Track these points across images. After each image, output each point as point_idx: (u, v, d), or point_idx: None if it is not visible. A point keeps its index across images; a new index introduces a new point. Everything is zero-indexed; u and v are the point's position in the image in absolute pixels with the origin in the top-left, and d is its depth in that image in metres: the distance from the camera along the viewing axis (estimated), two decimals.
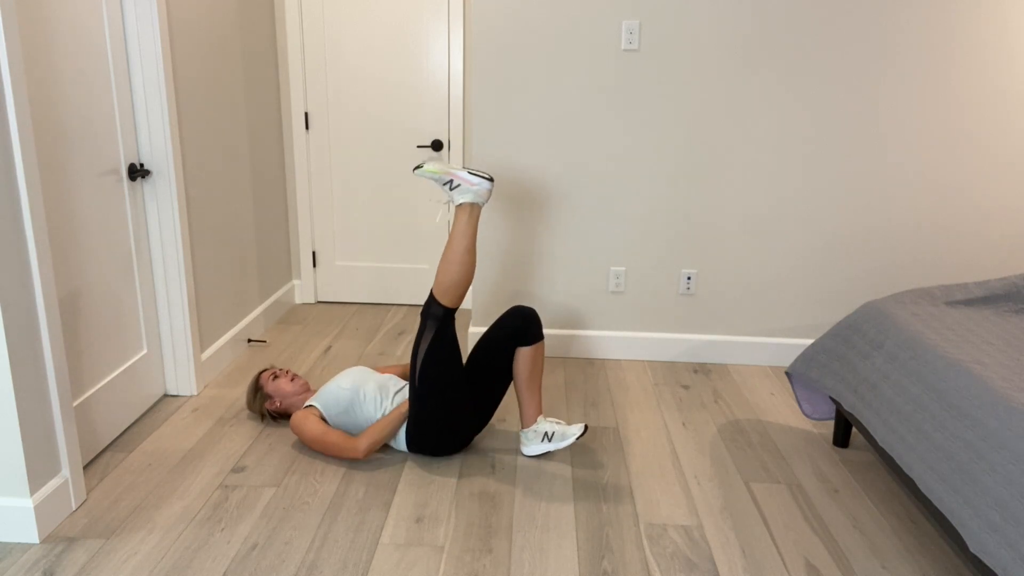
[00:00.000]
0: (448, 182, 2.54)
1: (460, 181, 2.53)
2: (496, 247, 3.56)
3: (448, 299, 2.52)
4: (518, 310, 2.63)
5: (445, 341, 2.53)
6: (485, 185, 2.52)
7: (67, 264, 2.43)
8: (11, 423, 2.06)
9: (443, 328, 2.52)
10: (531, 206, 3.49)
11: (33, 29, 2.23)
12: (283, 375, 2.87)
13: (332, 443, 2.58)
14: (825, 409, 2.84)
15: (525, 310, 2.63)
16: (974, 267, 3.47)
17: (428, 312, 2.54)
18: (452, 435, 2.61)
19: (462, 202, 2.54)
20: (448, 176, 2.54)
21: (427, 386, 2.53)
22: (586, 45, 3.28)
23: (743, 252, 3.50)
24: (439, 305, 2.52)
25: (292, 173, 4.21)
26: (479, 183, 2.52)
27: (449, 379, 2.54)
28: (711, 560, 2.14)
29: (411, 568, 2.08)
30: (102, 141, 2.60)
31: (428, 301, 2.54)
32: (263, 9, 3.82)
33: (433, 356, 2.52)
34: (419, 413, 2.57)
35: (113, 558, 2.09)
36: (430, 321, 2.53)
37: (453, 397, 2.55)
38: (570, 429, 2.62)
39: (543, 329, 3.62)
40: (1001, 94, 3.26)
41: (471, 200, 2.53)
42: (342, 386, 2.68)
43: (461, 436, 2.63)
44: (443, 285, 2.51)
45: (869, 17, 3.19)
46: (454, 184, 2.54)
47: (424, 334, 2.53)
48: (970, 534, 1.77)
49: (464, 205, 2.54)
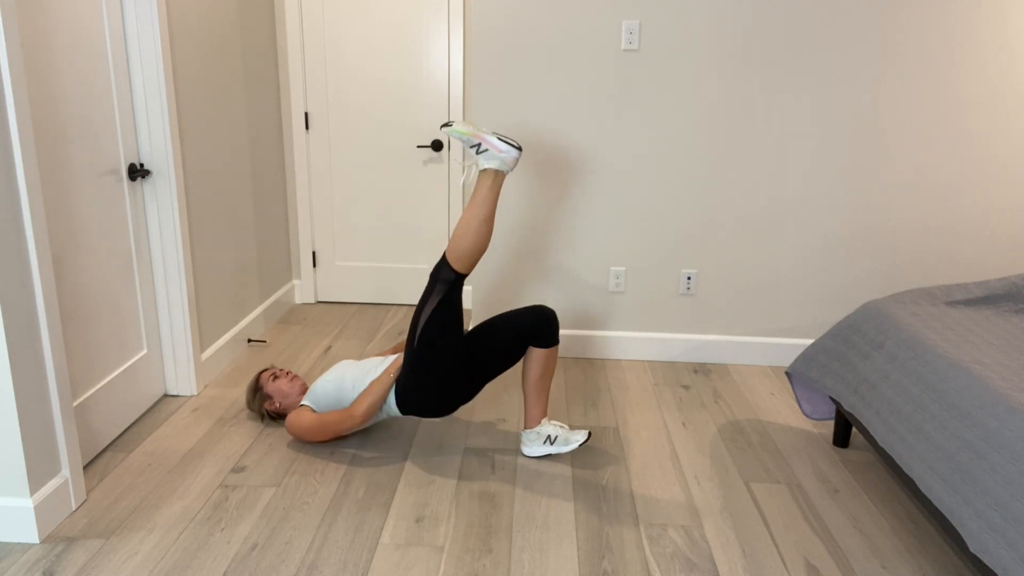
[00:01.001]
0: (476, 145, 2.46)
1: (488, 146, 2.45)
2: (497, 246, 3.56)
3: (461, 265, 2.48)
4: (542, 310, 2.61)
5: (451, 306, 2.50)
6: (512, 153, 2.44)
7: (67, 264, 2.43)
8: (11, 423, 2.06)
9: (451, 292, 2.49)
10: (531, 206, 3.49)
11: (33, 29, 2.23)
12: (283, 376, 2.87)
13: (330, 422, 2.58)
14: (825, 409, 2.84)
15: (547, 312, 2.61)
16: (974, 267, 3.47)
17: (438, 275, 2.50)
18: (442, 398, 2.58)
19: (487, 167, 2.47)
20: (476, 138, 2.45)
21: (426, 347, 2.51)
22: (586, 45, 3.28)
23: (743, 252, 3.50)
24: (450, 269, 2.48)
25: (292, 173, 4.21)
26: (507, 150, 2.44)
27: (448, 343, 2.52)
28: (711, 560, 2.14)
29: (411, 568, 2.08)
30: (102, 141, 2.60)
31: (440, 264, 2.51)
32: (263, 9, 3.82)
33: (437, 319, 2.49)
34: (414, 370, 2.55)
35: (113, 558, 2.09)
36: (439, 284, 2.49)
37: (449, 361, 2.53)
38: (574, 435, 2.62)
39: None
40: (1001, 94, 3.26)
41: (496, 167, 2.46)
42: (327, 379, 2.70)
43: (450, 401, 2.60)
44: (457, 251, 2.47)
45: (869, 17, 3.19)
46: (481, 148, 2.46)
47: (431, 296, 2.50)
48: (970, 534, 1.77)
49: (488, 171, 2.47)
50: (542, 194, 3.47)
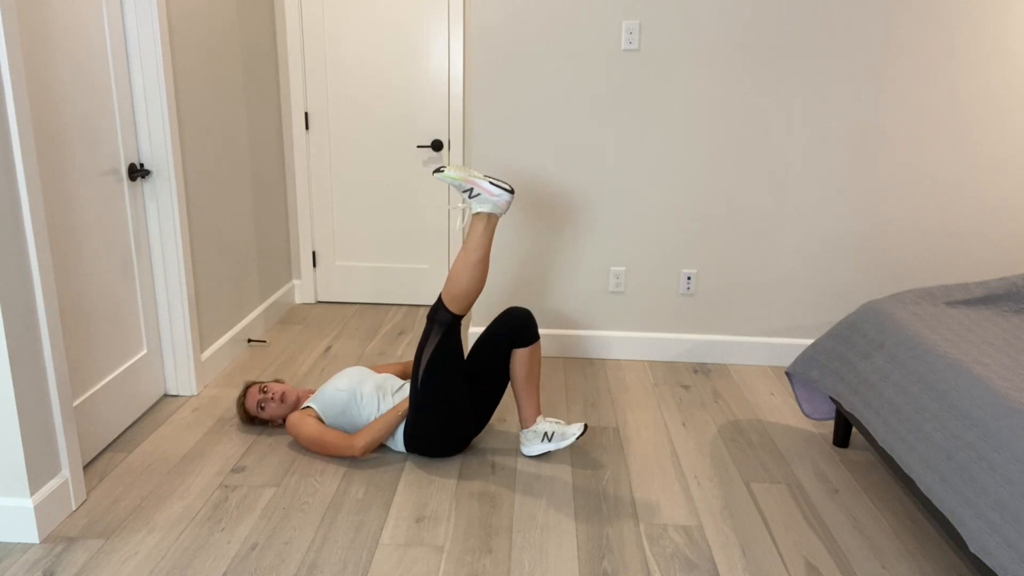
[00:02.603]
0: (468, 190, 2.49)
1: (480, 190, 2.48)
2: (496, 247, 3.55)
3: (456, 306, 2.50)
4: (513, 312, 2.63)
5: (450, 347, 2.52)
6: (505, 197, 2.47)
7: (67, 264, 2.43)
8: (11, 423, 2.06)
9: (449, 334, 2.51)
10: (531, 206, 3.49)
11: (33, 29, 2.23)
12: (270, 401, 2.76)
13: (330, 443, 2.58)
14: (825, 409, 2.84)
15: (520, 311, 2.63)
16: (974, 267, 3.47)
17: (435, 317, 2.52)
18: (451, 438, 2.61)
19: (479, 211, 2.50)
20: (468, 183, 2.48)
21: (429, 390, 2.52)
22: (586, 45, 3.27)
23: (743, 252, 3.50)
24: (447, 312, 2.51)
25: (292, 173, 4.21)
26: (499, 194, 2.47)
27: (452, 384, 2.53)
28: (711, 560, 2.14)
29: (411, 568, 2.08)
30: (102, 141, 2.60)
31: (436, 306, 2.53)
32: (263, 9, 3.82)
33: (437, 361, 2.51)
34: (420, 416, 2.56)
35: (113, 558, 2.09)
36: (436, 326, 2.51)
37: (455, 402, 2.55)
38: (570, 429, 2.62)
39: (539, 329, 3.63)
40: (1001, 94, 3.26)
41: (489, 210, 2.49)
42: (339, 387, 2.68)
43: (460, 439, 2.63)
44: (452, 292, 2.49)
45: (869, 16, 3.19)
46: (474, 192, 2.49)
47: (430, 338, 2.52)
48: (970, 534, 1.77)
49: (481, 214, 2.50)
50: (542, 194, 3.47)
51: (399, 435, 2.64)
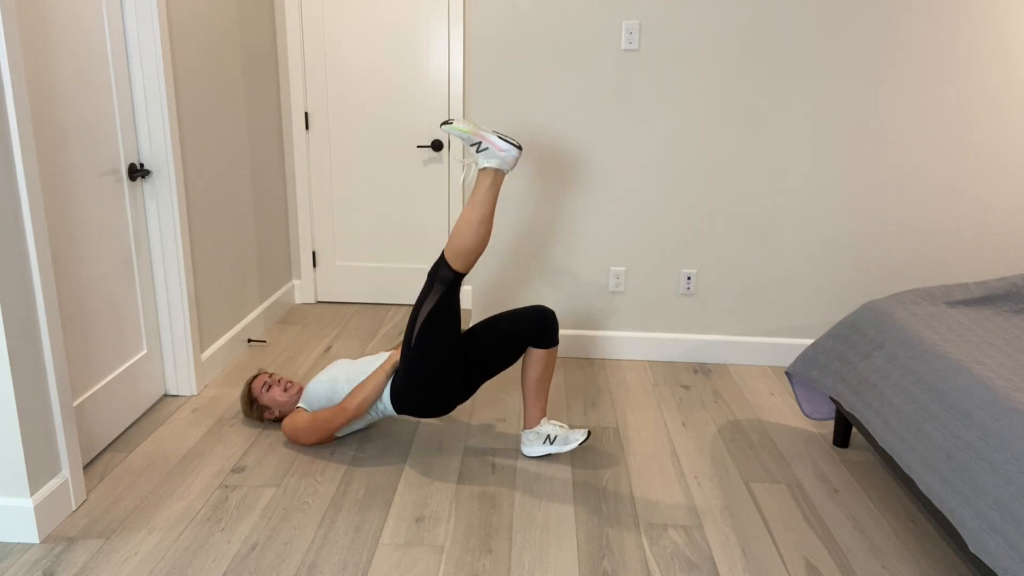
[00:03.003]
0: (476, 143, 2.45)
1: (488, 144, 2.43)
2: (496, 246, 3.55)
3: (459, 264, 2.47)
4: (542, 310, 2.60)
5: (449, 305, 2.49)
6: (513, 152, 2.43)
7: (67, 264, 2.43)
8: (11, 423, 2.06)
9: (449, 292, 2.48)
10: (531, 206, 3.49)
11: (33, 29, 2.23)
12: (276, 384, 2.83)
13: (322, 419, 2.58)
14: (825, 409, 2.84)
15: (547, 312, 2.60)
16: (974, 267, 3.47)
17: (436, 274, 2.49)
18: (438, 398, 2.57)
19: (486, 166, 2.45)
20: (477, 137, 2.44)
21: (423, 346, 2.50)
22: (586, 45, 3.27)
23: (743, 252, 3.50)
24: (449, 269, 2.47)
25: (292, 173, 4.21)
26: (507, 149, 2.43)
27: (446, 343, 2.51)
28: (711, 560, 2.14)
29: (411, 568, 2.08)
30: (102, 141, 2.60)
31: (438, 263, 2.49)
32: (263, 9, 3.82)
33: (434, 318, 2.48)
34: (410, 372, 2.54)
35: (113, 558, 2.09)
36: (437, 283, 2.48)
37: (446, 362, 2.52)
38: (573, 434, 2.62)
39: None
40: (1001, 94, 3.26)
41: (496, 166, 2.45)
42: (320, 380, 2.70)
43: (446, 400, 2.59)
44: (456, 249, 2.46)
45: (869, 16, 3.19)
46: (481, 147, 2.44)
47: (429, 295, 2.49)
48: (970, 534, 1.77)
49: (488, 170, 2.45)
50: (542, 194, 3.47)
51: (387, 396, 2.61)
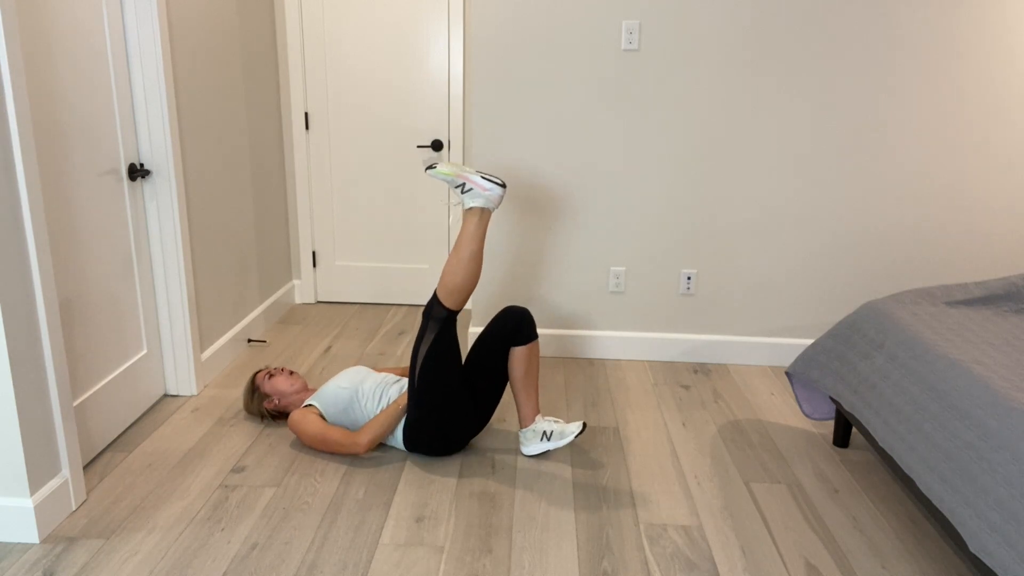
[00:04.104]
0: (460, 185, 2.51)
1: (472, 185, 2.50)
2: (496, 247, 3.56)
3: (451, 302, 2.51)
4: (510, 311, 2.63)
5: (446, 343, 2.52)
6: (497, 191, 2.49)
7: (67, 264, 2.43)
8: (11, 423, 2.06)
9: (444, 330, 2.52)
10: (531, 206, 3.49)
11: (33, 29, 2.23)
12: (279, 373, 2.87)
13: (333, 440, 2.58)
14: (825, 409, 2.84)
15: (517, 310, 2.63)
16: (974, 267, 3.47)
17: (430, 313, 2.53)
18: (450, 437, 2.61)
19: (472, 206, 2.52)
20: (460, 179, 2.51)
21: (426, 387, 2.53)
22: (586, 45, 3.28)
23: (743, 252, 3.50)
24: (442, 307, 2.51)
25: (292, 173, 4.21)
26: (491, 188, 2.49)
27: (448, 381, 2.54)
28: (711, 560, 2.14)
29: (411, 568, 2.08)
30: (102, 141, 2.60)
31: (431, 302, 2.54)
32: (263, 9, 3.82)
33: (433, 358, 2.51)
34: (418, 414, 2.57)
35: (113, 558, 2.09)
36: (432, 322, 2.52)
37: (452, 399, 2.55)
38: (568, 427, 2.62)
39: (539, 329, 3.63)
40: (1002, 94, 3.26)
41: (482, 205, 2.51)
42: (341, 385, 2.69)
43: (459, 438, 2.63)
44: (447, 288, 2.50)
45: (869, 17, 3.19)
46: (466, 188, 2.51)
47: (425, 335, 2.52)
48: (970, 534, 1.77)
49: (474, 209, 2.52)
50: (542, 194, 3.47)
51: (399, 432, 2.65)
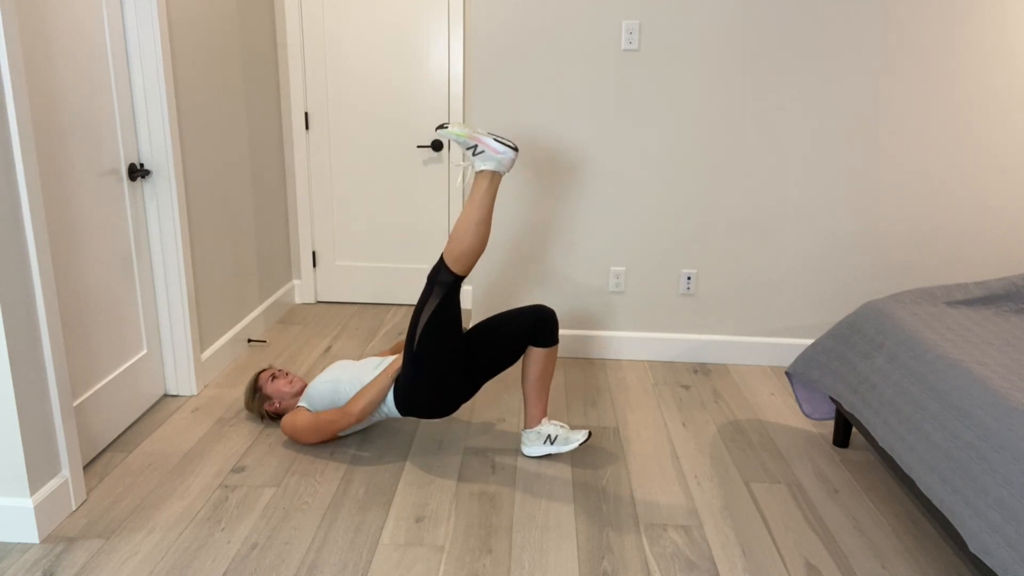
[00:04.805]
0: (472, 147, 2.46)
1: (484, 147, 2.45)
2: (496, 247, 3.56)
3: (458, 267, 2.48)
4: (542, 309, 2.61)
5: (449, 308, 2.50)
6: (509, 154, 2.44)
7: (67, 264, 2.43)
8: (11, 423, 2.06)
9: (449, 294, 2.49)
10: (531, 206, 3.49)
11: (33, 29, 2.23)
12: (281, 376, 2.87)
13: (325, 420, 2.58)
14: (825, 409, 2.84)
15: (546, 311, 2.61)
16: (974, 267, 3.47)
17: (436, 277, 2.50)
18: (441, 400, 2.58)
19: (483, 169, 2.47)
20: (472, 140, 2.45)
21: (425, 350, 2.51)
22: (586, 45, 3.27)
23: (743, 252, 3.50)
24: (449, 272, 2.48)
25: (292, 173, 4.21)
26: (504, 151, 2.44)
27: (448, 345, 2.51)
28: (711, 560, 2.14)
29: (411, 568, 2.08)
30: (102, 141, 2.60)
31: (437, 266, 2.50)
32: (263, 9, 3.82)
33: (435, 322, 2.49)
34: (413, 376, 2.54)
35: (113, 558, 2.09)
36: (437, 287, 2.49)
37: (449, 363, 2.53)
38: (574, 435, 2.62)
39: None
40: (1002, 94, 3.26)
41: (493, 168, 2.46)
42: (323, 380, 2.70)
43: (450, 401, 2.60)
44: (455, 252, 2.47)
45: (868, 17, 3.19)
46: (477, 150, 2.45)
47: (429, 299, 2.50)
48: (970, 534, 1.77)
49: (485, 172, 2.47)
50: (542, 194, 3.47)
51: (391, 400, 2.61)
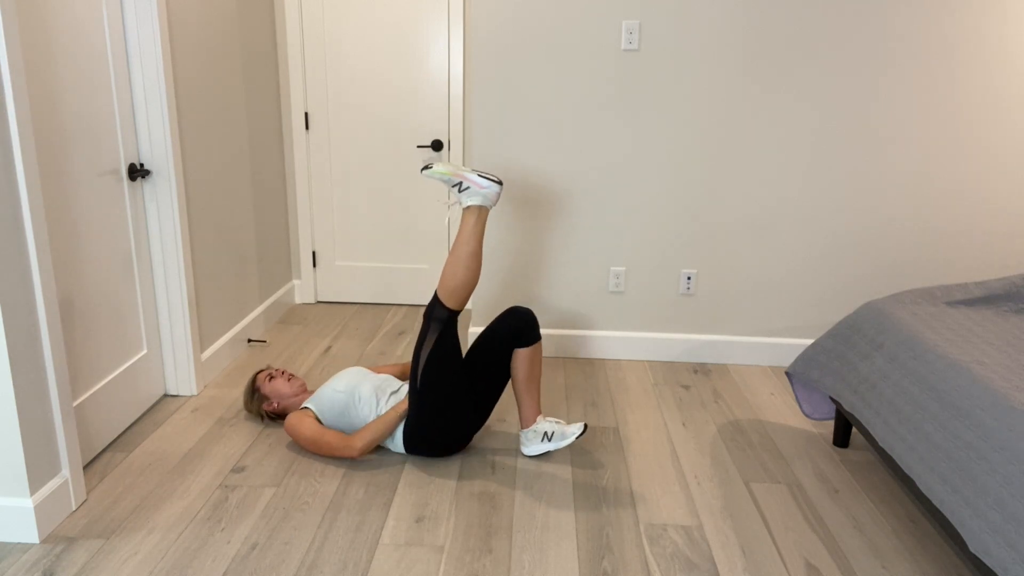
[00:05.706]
0: (457, 184, 2.52)
1: (469, 183, 2.50)
2: (496, 247, 3.56)
3: (452, 302, 2.51)
4: (515, 311, 2.63)
5: (448, 344, 2.52)
6: (494, 188, 2.50)
7: (67, 264, 2.43)
8: (11, 423, 2.06)
9: (446, 332, 2.52)
10: (531, 206, 3.49)
11: (33, 29, 2.23)
12: (279, 376, 2.87)
13: (328, 443, 2.58)
14: (825, 409, 2.84)
15: (521, 311, 2.63)
16: (974, 267, 3.47)
17: (431, 314, 2.53)
18: (451, 437, 2.61)
19: (470, 204, 2.52)
20: (457, 178, 2.51)
21: (428, 389, 2.53)
22: (586, 45, 3.28)
23: (743, 252, 3.50)
24: (443, 308, 2.51)
25: (292, 173, 4.21)
26: (488, 186, 2.50)
27: (450, 382, 2.53)
28: (711, 560, 2.14)
29: (411, 568, 2.08)
30: (102, 141, 2.60)
31: (432, 303, 2.54)
32: (263, 9, 3.82)
33: (435, 359, 2.51)
34: (419, 415, 2.56)
35: (113, 558, 2.09)
36: (433, 323, 2.52)
37: (454, 400, 2.55)
38: (569, 428, 2.62)
39: (540, 330, 3.63)
40: (1001, 94, 3.26)
41: (479, 203, 2.51)
42: (337, 388, 2.68)
43: (459, 437, 2.63)
44: (447, 288, 2.50)
45: (869, 17, 3.19)
46: (463, 186, 2.51)
47: (427, 336, 2.52)
48: (970, 534, 1.77)
49: (472, 208, 2.52)
50: (542, 194, 3.47)
51: (398, 436, 2.64)
